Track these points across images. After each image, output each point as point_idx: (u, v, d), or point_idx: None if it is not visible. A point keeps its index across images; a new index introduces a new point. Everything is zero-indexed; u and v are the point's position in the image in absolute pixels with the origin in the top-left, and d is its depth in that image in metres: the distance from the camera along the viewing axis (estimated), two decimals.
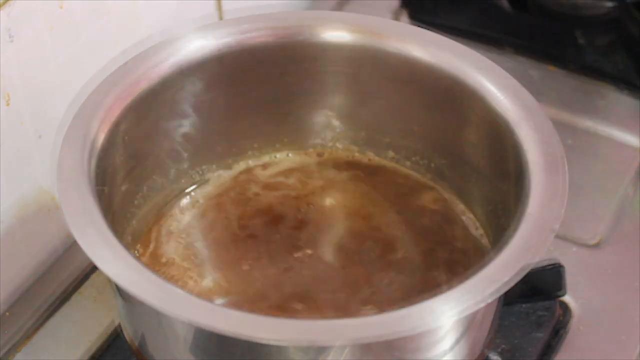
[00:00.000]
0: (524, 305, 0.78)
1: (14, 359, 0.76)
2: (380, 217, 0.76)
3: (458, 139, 0.75)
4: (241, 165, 0.79)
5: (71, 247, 0.83)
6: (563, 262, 0.78)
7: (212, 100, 0.75)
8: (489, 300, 0.60)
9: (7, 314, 0.79)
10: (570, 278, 0.79)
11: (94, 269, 0.81)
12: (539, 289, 0.77)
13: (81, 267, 0.82)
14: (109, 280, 0.66)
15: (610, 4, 1.00)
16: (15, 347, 0.77)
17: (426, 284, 0.72)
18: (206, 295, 0.71)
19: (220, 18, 0.91)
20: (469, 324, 0.65)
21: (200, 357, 0.64)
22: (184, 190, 0.78)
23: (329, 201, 0.77)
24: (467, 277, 0.61)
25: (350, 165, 0.80)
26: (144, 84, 0.71)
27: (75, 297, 0.80)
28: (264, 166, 0.79)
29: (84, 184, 0.64)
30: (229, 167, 0.79)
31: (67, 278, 0.81)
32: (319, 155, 0.80)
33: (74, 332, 0.78)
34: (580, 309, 0.80)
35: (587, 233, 0.84)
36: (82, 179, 0.65)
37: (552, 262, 0.77)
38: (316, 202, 0.77)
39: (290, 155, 0.80)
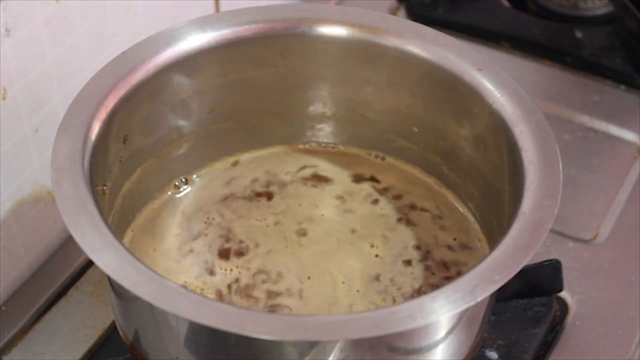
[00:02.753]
0: (520, 301, 0.78)
1: (11, 354, 0.76)
2: (378, 214, 0.76)
3: (455, 136, 0.75)
4: (236, 157, 0.79)
5: (67, 241, 0.83)
6: (560, 257, 0.78)
7: (208, 92, 0.75)
8: (479, 299, 0.60)
9: (3, 308, 0.79)
10: (567, 274, 0.79)
11: (90, 263, 0.81)
12: (536, 285, 0.77)
13: (78, 261, 0.82)
14: (104, 275, 0.66)
15: (609, 5, 1.00)
16: (11, 342, 0.77)
17: (423, 283, 0.72)
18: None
19: None
20: (460, 321, 0.65)
21: (193, 351, 0.64)
22: (178, 180, 0.77)
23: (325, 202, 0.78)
24: (458, 276, 0.61)
25: (348, 162, 0.80)
26: (140, 75, 0.71)
27: (71, 292, 0.80)
28: (258, 157, 0.79)
29: (78, 172, 0.64)
30: (224, 158, 0.79)
31: (63, 273, 0.81)
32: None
33: (70, 327, 0.78)
34: (577, 305, 0.80)
35: (583, 228, 0.84)
36: (76, 167, 0.64)
37: (549, 258, 0.77)
38: (310, 191, 0.77)
39: (283, 148, 0.80)
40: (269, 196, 0.77)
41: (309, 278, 0.72)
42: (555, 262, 0.77)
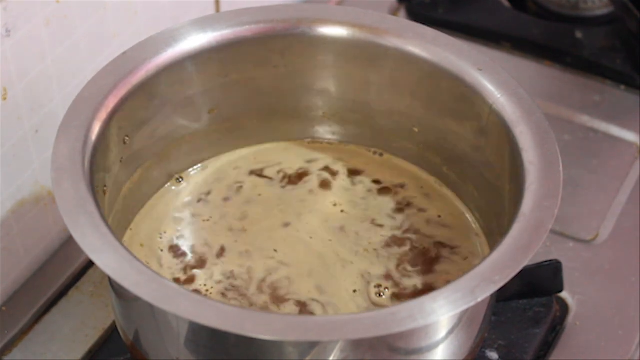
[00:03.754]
0: (521, 302, 0.78)
1: (11, 354, 0.76)
2: (379, 216, 0.76)
3: (455, 136, 0.75)
4: (236, 156, 0.79)
5: (68, 241, 0.83)
6: (560, 258, 0.78)
7: (208, 92, 0.75)
8: (479, 299, 0.60)
9: (4, 309, 0.79)
10: (568, 274, 0.79)
11: (90, 263, 0.81)
12: (536, 286, 0.77)
13: (78, 262, 0.82)
14: (105, 275, 0.66)
15: (609, 5, 1.00)
16: (12, 343, 0.77)
17: (426, 284, 0.72)
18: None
19: None
20: (460, 321, 0.65)
21: (193, 351, 0.64)
22: (178, 179, 0.78)
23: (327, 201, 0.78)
24: (458, 277, 0.61)
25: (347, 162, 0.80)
26: (140, 75, 0.71)
27: (72, 292, 0.80)
28: (258, 156, 0.79)
29: (78, 173, 0.64)
30: (224, 157, 0.79)
31: (63, 273, 0.81)
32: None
33: (71, 327, 0.78)
34: (577, 305, 0.80)
35: (584, 229, 0.84)
36: (77, 168, 0.65)
37: (550, 258, 0.77)
38: (312, 198, 0.77)
39: (283, 146, 0.80)
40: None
41: (275, 251, 0.72)
42: (556, 262, 0.77)
